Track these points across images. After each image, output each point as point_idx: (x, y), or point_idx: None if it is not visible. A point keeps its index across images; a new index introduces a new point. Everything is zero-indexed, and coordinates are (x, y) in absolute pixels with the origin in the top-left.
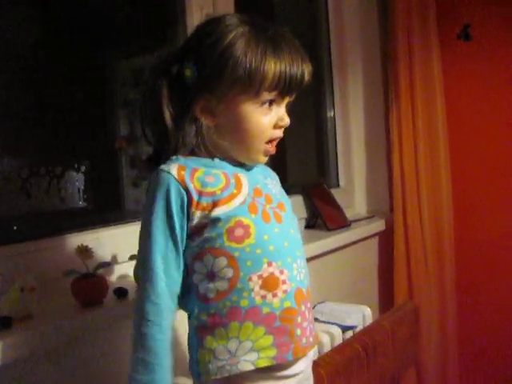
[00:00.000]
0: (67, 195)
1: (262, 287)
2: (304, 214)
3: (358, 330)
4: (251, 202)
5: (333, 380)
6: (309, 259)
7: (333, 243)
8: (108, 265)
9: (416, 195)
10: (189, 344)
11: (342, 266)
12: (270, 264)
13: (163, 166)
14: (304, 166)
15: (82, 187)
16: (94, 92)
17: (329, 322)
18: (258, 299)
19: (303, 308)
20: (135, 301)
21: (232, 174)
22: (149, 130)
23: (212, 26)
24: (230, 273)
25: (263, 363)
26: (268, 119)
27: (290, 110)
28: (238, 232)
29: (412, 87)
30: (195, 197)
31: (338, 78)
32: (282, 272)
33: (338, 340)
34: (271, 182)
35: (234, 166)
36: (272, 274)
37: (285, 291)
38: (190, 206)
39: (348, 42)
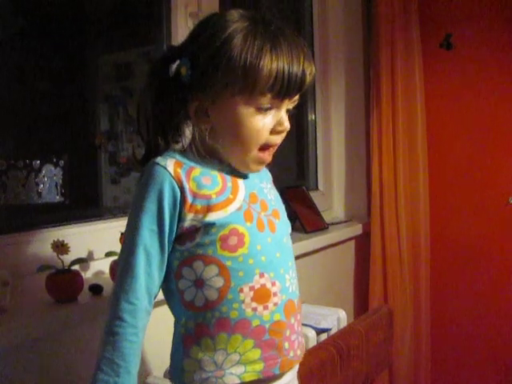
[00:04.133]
0: (44, 189)
1: (253, 299)
2: None
3: (332, 332)
4: (247, 208)
5: (306, 382)
6: None
7: (310, 245)
8: (84, 261)
9: (394, 201)
10: (172, 351)
11: (319, 269)
12: (261, 275)
13: (159, 160)
14: (284, 169)
15: (60, 182)
16: (75, 86)
17: (304, 324)
18: (248, 311)
19: (292, 320)
20: (110, 296)
21: (230, 176)
22: (143, 129)
23: (210, 21)
24: (220, 282)
25: (250, 377)
26: (264, 123)
27: None
28: (232, 240)
29: (393, 94)
30: (189, 198)
31: (321, 82)
32: (273, 284)
33: (313, 342)
34: (266, 186)
35: (232, 168)
36: (264, 285)
37: (275, 304)
38: (183, 206)
39: (331, 46)
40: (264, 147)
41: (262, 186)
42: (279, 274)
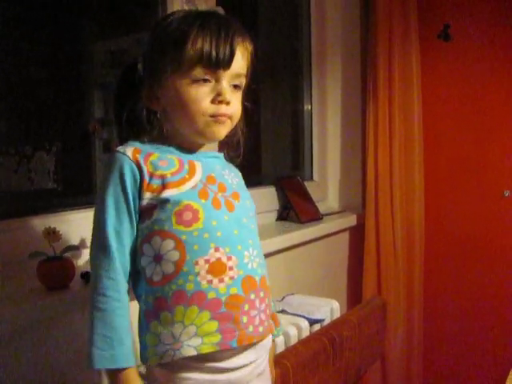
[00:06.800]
0: (37, 176)
1: (208, 272)
2: (277, 206)
3: (325, 323)
4: (202, 187)
5: (298, 372)
6: (280, 251)
7: (304, 236)
8: (76, 248)
9: (388, 192)
10: (138, 328)
11: (313, 259)
12: (216, 249)
13: (119, 148)
14: (279, 158)
15: (53, 168)
16: (69, 73)
17: (297, 315)
18: (203, 283)
19: (252, 296)
20: (91, 277)
21: (187, 160)
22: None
23: (156, 21)
24: (176, 256)
25: (206, 349)
26: (200, 92)
27: (267, 102)
28: (187, 216)
29: (390, 85)
30: (146, 178)
31: (317, 72)
32: (229, 258)
33: (305, 333)
34: (228, 174)
35: (192, 154)
36: (219, 259)
37: (232, 277)
38: (142, 186)
39: (329, 37)
40: (213, 116)
41: (222, 172)
42: (236, 249)
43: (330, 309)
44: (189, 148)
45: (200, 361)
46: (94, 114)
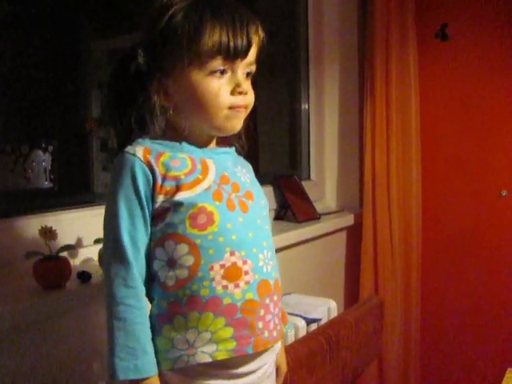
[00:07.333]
0: (33, 175)
1: (223, 277)
2: (274, 206)
3: (322, 322)
4: (216, 188)
5: (295, 372)
6: (277, 250)
7: (301, 235)
8: (72, 247)
9: (386, 192)
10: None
11: (310, 259)
12: (232, 253)
13: (128, 148)
14: (276, 158)
15: (49, 167)
16: (67, 72)
17: (294, 314)
18: (219, 289)
19: (267, 301)
20: (106, 286)
21: (199, 159)
22: (114, 123)
23: (155, 9)
24: (190, 261)
25: (221, 356)
26: (220, 84)
27: (265, 101)
28: (201, 219)
29: (388, 84)
30: (159, 180)
31: (315, 71)
32: (245, 262)
33: (302, 332)
34: (241, 171)
35: (203, 150)
36: (234, 263)
37: (247, 282)
38: (155, 188)
39: (326, 35)
40: (231, 108)
41: (235, 169)
42: (251, 253)
43: (327, 308)
44: (199, 143)
45: (215, 367)
46: (91, 112)
